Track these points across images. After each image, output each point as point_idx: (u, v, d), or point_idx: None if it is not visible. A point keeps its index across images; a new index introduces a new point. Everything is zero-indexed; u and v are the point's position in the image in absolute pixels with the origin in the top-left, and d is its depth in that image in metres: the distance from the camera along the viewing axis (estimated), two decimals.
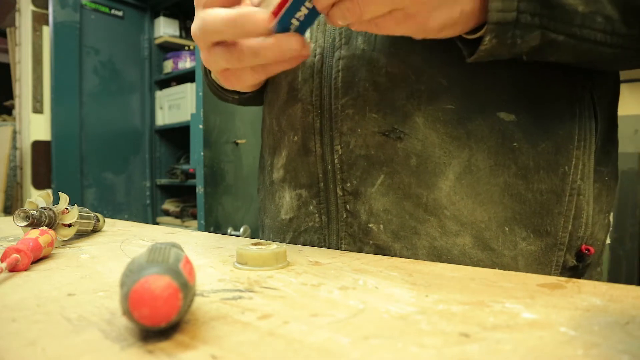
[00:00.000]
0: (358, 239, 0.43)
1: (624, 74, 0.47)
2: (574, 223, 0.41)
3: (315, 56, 0.45)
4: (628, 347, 0.19)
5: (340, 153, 0.43)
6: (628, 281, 1.57)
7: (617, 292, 0.26)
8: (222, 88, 0.55)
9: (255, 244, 0.36)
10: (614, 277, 1.59)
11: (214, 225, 1.91)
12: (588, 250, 0.42)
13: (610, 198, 0.46)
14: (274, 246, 0.35)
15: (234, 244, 0.45)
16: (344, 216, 0.43)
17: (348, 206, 0.43)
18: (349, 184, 0.43)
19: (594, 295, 0.26)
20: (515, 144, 0.40)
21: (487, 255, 0.40)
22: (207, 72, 0.57)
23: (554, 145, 0.40)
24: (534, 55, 0.35)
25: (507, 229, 0.40)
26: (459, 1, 0.31)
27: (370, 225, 0.42)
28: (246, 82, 0.40)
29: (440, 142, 0.40)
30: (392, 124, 0.41)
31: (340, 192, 0.43)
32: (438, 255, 0.40)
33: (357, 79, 0.42)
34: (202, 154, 1.86)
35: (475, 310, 0.24)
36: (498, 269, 0.38)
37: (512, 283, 0.29)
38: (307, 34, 0.44)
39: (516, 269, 0.40)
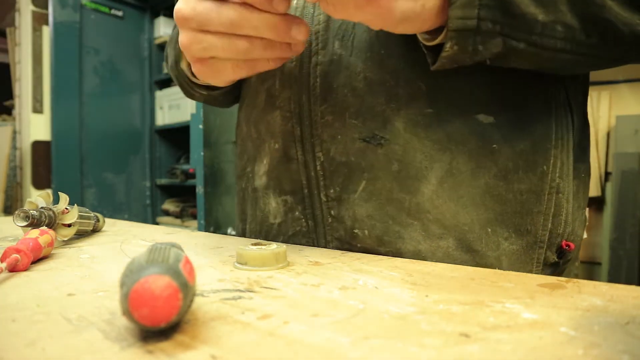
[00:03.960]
0: (345, 242, 0.43)
1: (623, 74, 0.48)
2: (554, 221, 0.42)
3: (292, 62, 0.44)
4: (628, 347, 0.19)
5: (322, 160, 0.42)
6: (628, 281, 1.57)
7: (618, 292, 0.26)
8: (190, 81, 0.52)
9: (255, 244, 0.36)
10: (614, 277, 1.59)
11: (214, 225, 1.91)
12: (568, 246, 0.43)
13: (586, 194, 0.47)
14: (274, 246, 0.35)
15: (234, 244, 0.45)
16: (329, 221, 0.43)
17: (332, 212, 0.43)
18: (332, 191, 0.43)
19: (594, 295, 0.26)
20: (494, 145, 0.40)
21: (470, 256, 0.40)
22: (175, 62, 0.52)
23: (532, 145, 0.41)
24: (496, 62, 0.35)
25: (489, 230, 0.40)
26: None
27: (355, 231, 0.42)
28: (223, 77, 0.38)
29: (422, 147, 0.40)
30: (372, 129, 0.40)
31: (324, 198, 0.43)
32: (423, 258, 0.40)
33: (335, 85, 0.41)
34: (202, 154, 1.86)
35: (475, 310, 0.24)
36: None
37: (512, 283, 0.29)
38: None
39: (499, 268, 0.40)
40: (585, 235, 0.48)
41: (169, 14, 2.68)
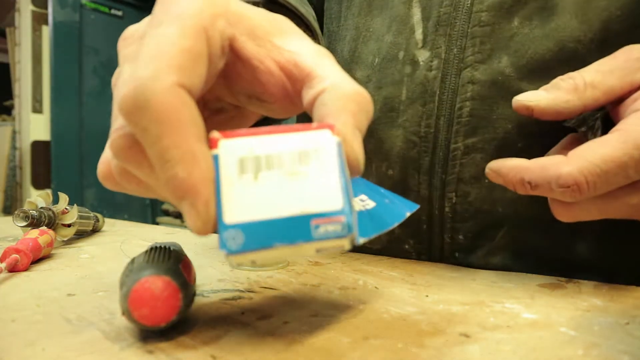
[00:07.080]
0: None
1: None
2: None
3: (431, 70, 0.34)
4: (628, 347, 0.19)
5: (454, 202, 0.34)
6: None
7: (618, 292, 0.26)
8: None
9: None
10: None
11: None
12: None
13: None
14: None
15: None
16: (451, 262, 0.37)
17: (457, 254, 0.36)
18: (461, 237, 0.35)
19: (594, 295, 0.26)
20: None
21: None
22: None
23: None
24: None
25: None
26: None
27: None
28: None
29: None
30: None
31: (448, 240, 0.36)
32: None
33: (494, 116, 0.32)
34: None
35: (475, 310, 0.24)
36: None
37: (512, 283, 0.29)
38: None
39: None
40: None
41: None
